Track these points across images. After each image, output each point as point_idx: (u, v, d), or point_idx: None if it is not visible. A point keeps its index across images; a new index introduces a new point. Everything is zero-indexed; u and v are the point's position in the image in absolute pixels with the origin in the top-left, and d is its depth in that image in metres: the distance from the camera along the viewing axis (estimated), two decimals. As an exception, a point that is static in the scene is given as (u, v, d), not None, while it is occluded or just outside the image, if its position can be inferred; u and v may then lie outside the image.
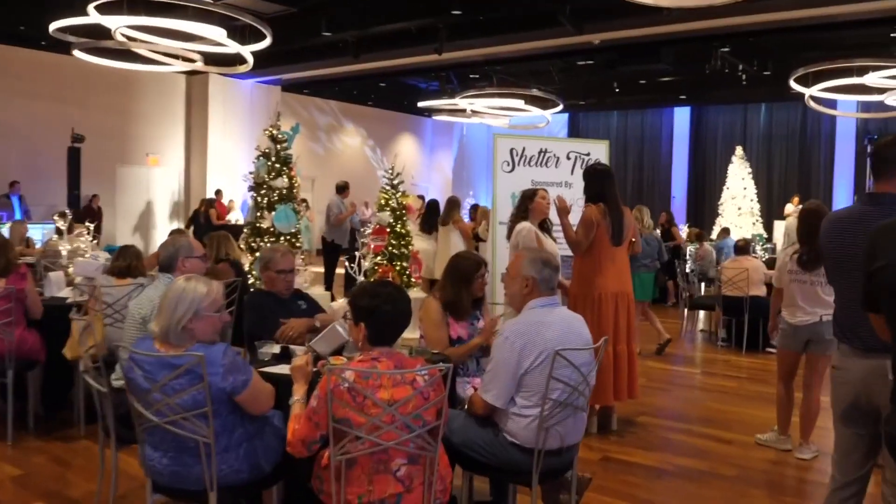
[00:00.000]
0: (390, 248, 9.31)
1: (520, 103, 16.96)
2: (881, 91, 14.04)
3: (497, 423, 3.33)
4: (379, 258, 9.33)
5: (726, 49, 14.51)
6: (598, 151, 7.02)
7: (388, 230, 9.36)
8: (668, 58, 15.06)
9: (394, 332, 2.88)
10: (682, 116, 21.91)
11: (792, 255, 5.02)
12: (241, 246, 9.29)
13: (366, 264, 9.46)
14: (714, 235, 16.45)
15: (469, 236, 10.22)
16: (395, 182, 9.50)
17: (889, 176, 2.97)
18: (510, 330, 3.27)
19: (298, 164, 9.76)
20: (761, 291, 8.85)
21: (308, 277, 9.31)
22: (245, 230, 9.58)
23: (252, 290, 5.27)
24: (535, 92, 17.03)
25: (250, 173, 9.46)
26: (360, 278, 5.03)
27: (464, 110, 18.02)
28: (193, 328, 2.91)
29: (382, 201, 9.48)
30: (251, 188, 9.44)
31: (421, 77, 19.26)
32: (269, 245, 8.45)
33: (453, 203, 10.55)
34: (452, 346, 4.15)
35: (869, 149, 19.15)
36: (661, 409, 6.36)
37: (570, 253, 5.97)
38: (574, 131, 23.70)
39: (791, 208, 18.36)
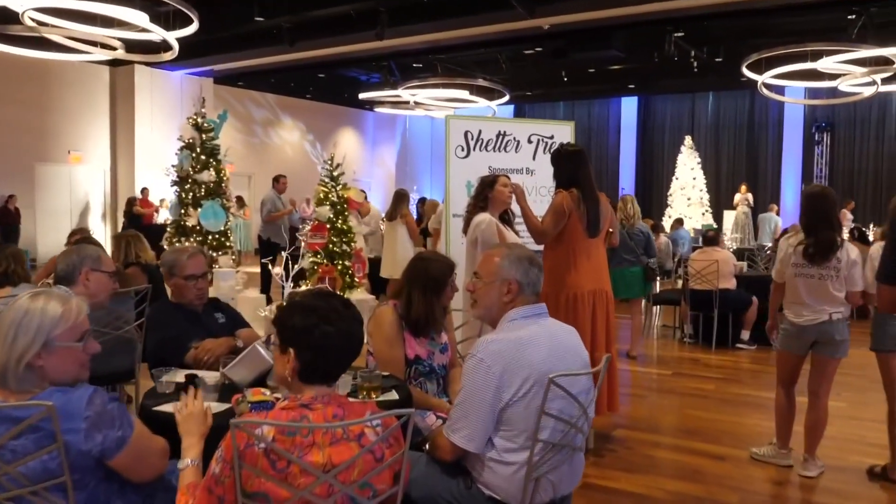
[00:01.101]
0: (331, 245, 8.46)
1: (465, 94, 16.24)
2: (834, 77, 13.76)
3: (470, 470, 2.54)
4: (318, 257, 8.47)
5: (680, 34, 13.96)
6: (563, 134, 6.28)
7: (329, 226, 8.50)
8: (619, 43, 14.49)
9: (337, 366, 2.05)
10: (629, 106, 21.43)
11: (797, 247, 4.34)
12: (165, 246, 8.34)
13: (305, 264, 8.57)
14: (668, 227, 15.98)
15: (416, 232, 9.42)
16: (336, 174, 8.65)
17: None
18: (485, 349, 2.47)
19: (232, 157, 8.83)
20: (731, 284, 8.25)
21: (241, 279, 8.39)
22: (169, 229, 8.60)
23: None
24: (480, 82, 16.33)
25: (173, 166, 8.49)
26: (288, 286, 4.16)
27: (406, 102, 17.22)
28: (43, 365, 2.04)
29: (321, 195, 8.62)
30: (175, 182, 8.48)
31: (361, 68, 18.35)
32: (177, 246, 7.50)
33: (401, 197, 9.74)
34: (409, 368, 3.36)
35: (816, 136, 18.99)
36: (638, 419, 5.65)
37: (536, 247, 5.22)
38: (520, 123, 23.03)
39: (739, 198, 18.08)
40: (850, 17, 12.74)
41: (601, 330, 4.69)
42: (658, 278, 8.43)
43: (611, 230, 4.90)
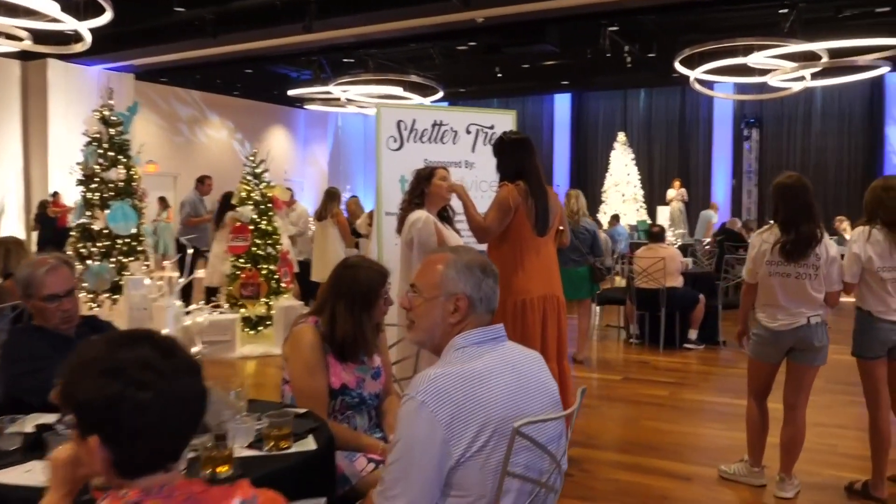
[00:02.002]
0: (255, 248, 7.70)
1: (398, 90, 15.57)
2: (764, 72, 13.64)
3: (409, 548, 1.88)
4: (241, 261, 7.70)
5: (614, 28, 13.56)
6: (504, 124, 5.66)
7: (252, 228, 7.74)
8: (554, 38, 14.01)
9: (172, 445, 1.32)
10: (562, 103, 21.03)
11: (774, 245, 3.80)
12: (69, 252, 7.44)
13: (226, 269, 7.82)
14: (605, 224, 15.61)
15: (348, 232, 8.72)
16: (259, 171, 7.90)
17: None
18: (428, 388, 1.81)
19: (156, 156, 7.98)
20: (678, 282, 7.79)
21: (154, 289, 7.56)
22: (73, 233, 7.70)
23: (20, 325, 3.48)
24: (413, 78, 15.68)
25: (77, 164, 7.60)
26: (173, 301, 3.35)
27: (338, 99, 16.46)
28: None
29: (243, 193, 7.86)
30: (80, 182, 7.59)
31: (291, 65, 17.44)
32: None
33: (332, 195, 9.04)
34: (334, 400, 2.69)
35: (745, 132, 18.89)
36: (592, 435, 5.07)
37: (479, 247, 4.62)
38: (454, 121, 22.37)
39: (673, 193, 17.83)
40: (781, 10, 12.52)
41: (552, 340, 4.10)
42: (603, 279, 7.91)
43: (561, 228, 4.31)
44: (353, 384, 2.72)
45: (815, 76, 13.46)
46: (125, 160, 7.44)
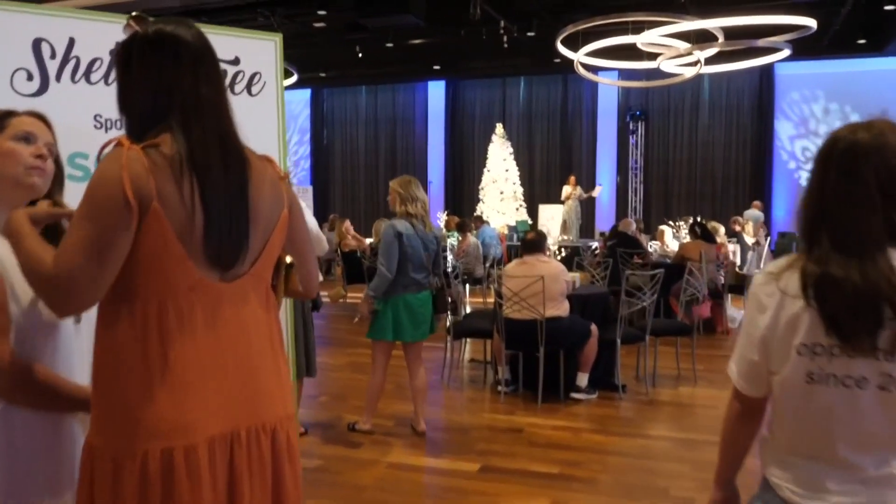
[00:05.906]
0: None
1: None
2: (653, 56, 11.93)
3: None
4: None
5: (485, -3, 11.30)
6: (262, 54, 3.09)
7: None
8: (418, 8, 11.55)
9: None
10: (436, 92, 18.64)
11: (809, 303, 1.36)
12: None
13: None
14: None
15: None
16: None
17: None
18: None
19: None
20: (562, 310, 5.42)
21: None
22: None
23: None
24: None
25: None
26: None
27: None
28: None
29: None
30: None
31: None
32: None
33: None
34: None
35: (631, 126, 17.06)
36: None
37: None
38: (317, 111, 19.55)
39: (568, 190, 15.13)
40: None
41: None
42: (449, 308, 5.37)
43: (289, 261, 1.72)
44: None
45: (708, 62, 11.72)
46: None
